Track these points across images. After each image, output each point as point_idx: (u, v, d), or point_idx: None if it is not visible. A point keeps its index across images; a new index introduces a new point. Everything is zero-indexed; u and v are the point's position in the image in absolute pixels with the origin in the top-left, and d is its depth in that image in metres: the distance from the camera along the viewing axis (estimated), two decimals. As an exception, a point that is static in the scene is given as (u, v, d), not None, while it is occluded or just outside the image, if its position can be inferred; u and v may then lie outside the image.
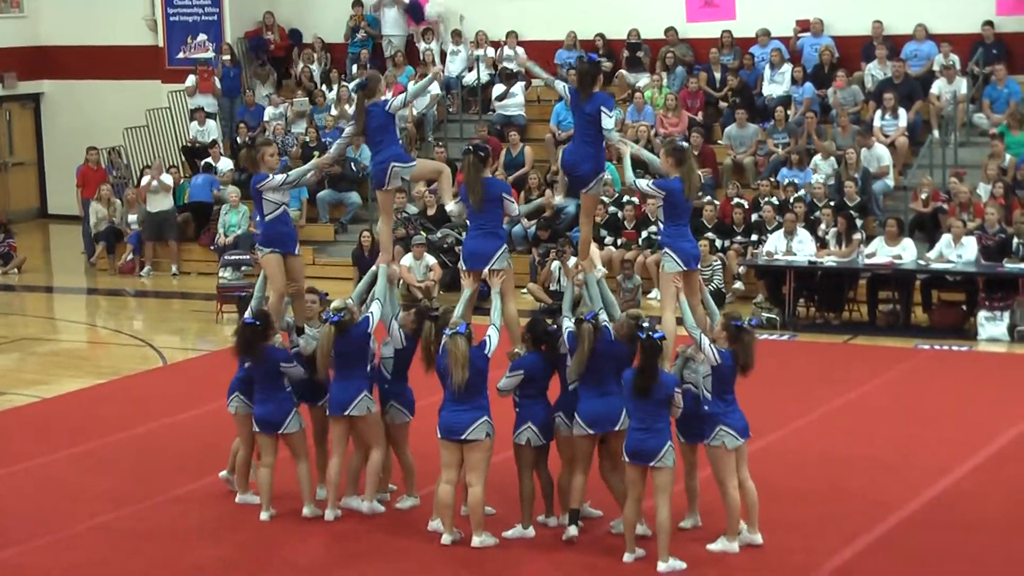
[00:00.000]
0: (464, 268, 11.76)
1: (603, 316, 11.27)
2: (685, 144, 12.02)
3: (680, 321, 11.15)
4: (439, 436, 11.19)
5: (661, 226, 11.52)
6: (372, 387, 11.77)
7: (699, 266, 11.65)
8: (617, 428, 11.02)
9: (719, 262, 20.55)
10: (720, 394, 10.82)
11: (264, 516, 11.80)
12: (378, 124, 12.00)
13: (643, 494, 10.77)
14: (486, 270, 11.58)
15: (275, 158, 12.18)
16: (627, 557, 10.78)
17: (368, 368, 11.74)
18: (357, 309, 11.79)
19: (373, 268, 12.14)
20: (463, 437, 11.07)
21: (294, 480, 11.95)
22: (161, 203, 24.83)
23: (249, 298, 12.09)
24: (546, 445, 11.36)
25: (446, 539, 11.21)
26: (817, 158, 22.10)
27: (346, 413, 11.61)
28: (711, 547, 10.94)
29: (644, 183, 11.56)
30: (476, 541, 11.19)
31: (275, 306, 12.06)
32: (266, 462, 11.84)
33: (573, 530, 11.20)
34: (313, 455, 12.15)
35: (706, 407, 10.85)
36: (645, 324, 10.81)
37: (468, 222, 11.86)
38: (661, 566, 10.60)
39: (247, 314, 11.88)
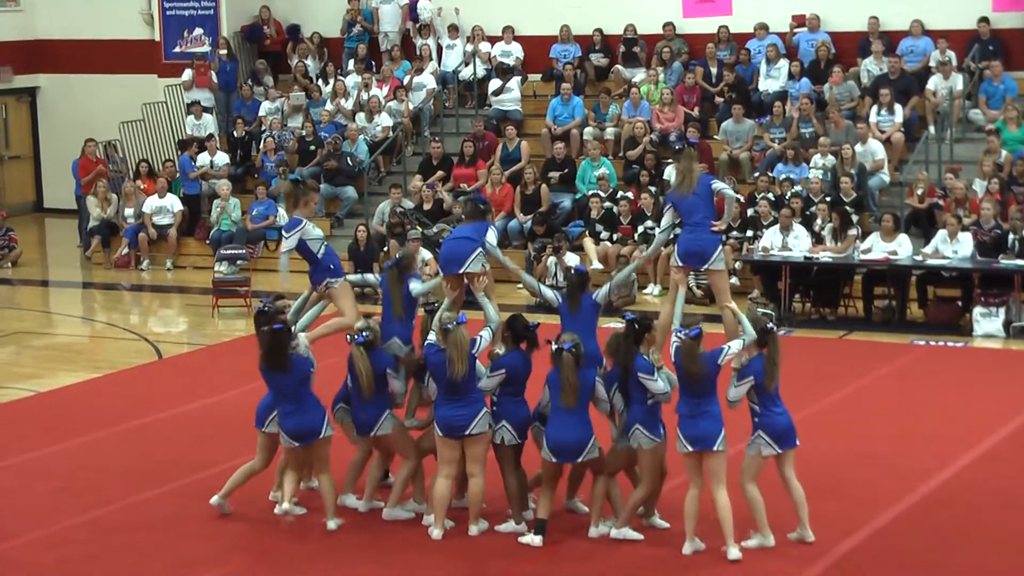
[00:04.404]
0: (442, 274, 11.79)
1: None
2: (679, 144, 12.05)
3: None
4: (439, 434, 11.19)
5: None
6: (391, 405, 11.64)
7: (704, 267, 11.64)
8: (580, 460, 11.03)
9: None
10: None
11: (283, 512, 11.59)
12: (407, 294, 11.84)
13: (702, 482, 10.78)
14: (462, 272, 11.57)
15: (313, 207, 12.04)
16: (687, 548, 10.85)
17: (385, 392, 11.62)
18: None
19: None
20: (467, 432, 11.09)
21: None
22: (164, 220, 24.85)
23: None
24: (521, 444, 11.36)
25: (436, 534, 11.21)
26: (817, 156, 22.06)
27: (372, 433, 11.56)
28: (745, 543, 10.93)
29: (664, 223, 11.89)
30: (474, 530, 11.25)
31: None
32: (298, 473, 11.66)
33: (537, 540, 11.02)
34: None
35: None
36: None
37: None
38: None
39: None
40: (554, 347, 10.99)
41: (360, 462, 12.02)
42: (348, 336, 11.48)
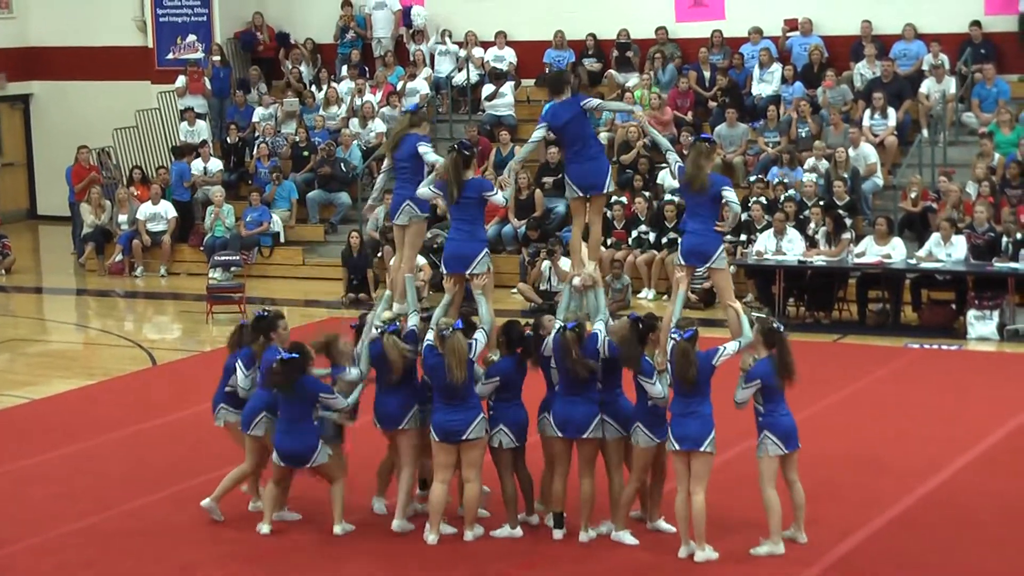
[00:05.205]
0: (445, 272, 11.75)
1: (598, 325, 11.28)
2: (701, 138, 12.01)
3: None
4: (435, 439, 11.19)
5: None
6: (423, 401, 11.58)
7: (705, 265, 11.56)
8: (586, 436, 11.06)
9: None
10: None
11: (265, 529, 11.56)
12: (409, 155, 11.94)
13: (687, 482, 10.80)
14: (467, 273, 11.56)
15: (288, 331, 11.90)
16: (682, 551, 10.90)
17: (415, 382, 11.63)
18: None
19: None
20: (464, 438, 11.10)
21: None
22: (158, 227, 24.83)
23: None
24: (521, 446, 11.38)
25: (432, 539, 11.22)
26: (811, 160, 22.08)
27: (400, 427, 11.50)
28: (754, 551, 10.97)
29: (673, 157, 11.80)
30: (469, 535, 11.27)
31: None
32: (276, 482, 11.62)
33: (558, 534, 11.26)
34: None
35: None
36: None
37: (450, 221, 11.85)
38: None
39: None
40: (555, 326, 11.02)
41: (389, 465, 11.96)
42: (376, 326, 11.47)
